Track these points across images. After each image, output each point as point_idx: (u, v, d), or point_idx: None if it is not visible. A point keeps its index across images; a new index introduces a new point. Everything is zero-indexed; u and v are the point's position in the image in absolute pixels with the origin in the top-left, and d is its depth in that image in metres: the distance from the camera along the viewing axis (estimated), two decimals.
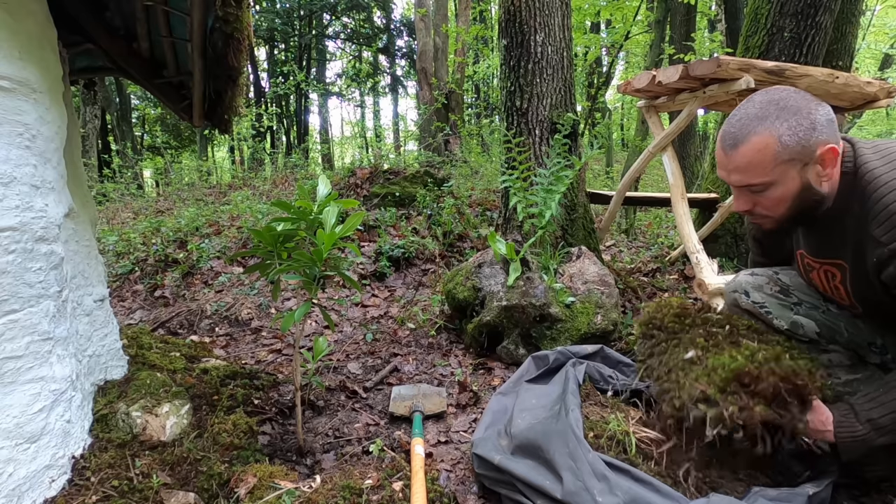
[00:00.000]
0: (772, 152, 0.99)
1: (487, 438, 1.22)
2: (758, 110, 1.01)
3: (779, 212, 1.06)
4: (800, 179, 1.01)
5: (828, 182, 1.02)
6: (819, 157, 0.99)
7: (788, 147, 0.98)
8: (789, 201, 1.04)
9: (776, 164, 0.99)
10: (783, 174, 1.00)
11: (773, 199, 1.04)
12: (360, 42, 17.18)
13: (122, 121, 12.80)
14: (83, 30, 1.60)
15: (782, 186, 1.02)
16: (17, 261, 1.00)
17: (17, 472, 0.96)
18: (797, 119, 0.98)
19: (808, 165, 1.00)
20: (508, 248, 2.01)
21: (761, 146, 0.99)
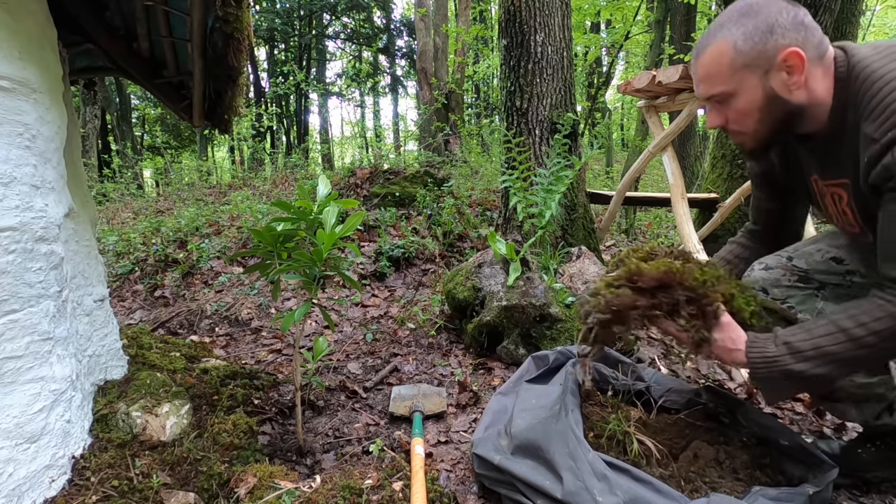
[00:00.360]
0: (727, 59, 0.95)
1: (487, 438, 1.22)
2: (721, 19, 0.97)
3: (749, 125, 1.01)
4: (762, 88, 0.95)
5: (801, 90, 0.94)
6: (781, 62, 0.92)
7: (743, 52, 0.93)
8: (756, 113, 0.98)
9: (733, 71, 0.95)
10: (742, 82, 0.95)
11: (739, 111, 0.99)
12: (360, 42, 17.19)
13: (122, 121, 12.81)
14: (83, 30, 1.60)
15: (745, 95, 0.97)
16: (17, 261, 1.00)
17: (17, 472, 0.96)
18: (754, 22, 0.92)
19: (771, 72, 0.93)
20: (508, 248, 2.01)
21: (717, 53, 0.96)
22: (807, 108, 0.96)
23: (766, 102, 0.96)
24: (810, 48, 0.92)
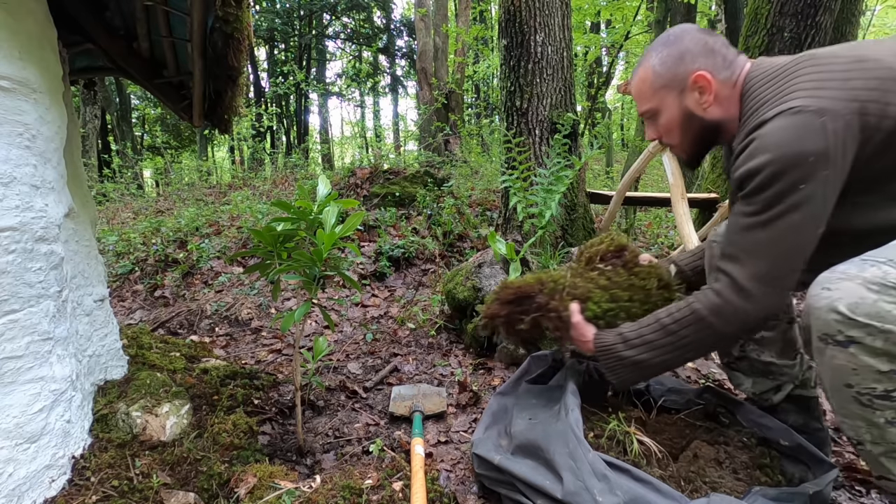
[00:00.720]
0: (649, 81, 1.10)
1: (487, 438, 1.22)
2: (649, 48, 1.13)
3: (675, 138, 1.14)
4: (679, 106, 1.08)
5: (716, 108, 1.05)
6: (692, 83, 1.04)
7: (661, 75, 1.08)
8: (678, 128, 1.11)
9: (654, 91, 1.10)
10: (662, 101, 1.09)
11: (664, 126, 1.13)
12: (360, 42, 17.18)
13: (122, 121, 12.80)
14: (83, 30, 1.60)
15: (666, 112, 1.10)
16: (17, 261, 1.00)
17: (17, 472, 0.96)
18: (669, 50, 1.07)
19: (685, 92, 1.06)
20: (508, 248, 2.01)
21: (642, 76, 1.12)
22: (723, 122, 1.07)
23: (683, 119, 1.09)
24: (719, 71, 1.04)
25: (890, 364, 0.76)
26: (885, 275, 0.76)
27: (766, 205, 0.90)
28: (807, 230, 0.89)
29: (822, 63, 0.91)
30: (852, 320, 0.77)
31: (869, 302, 0.76)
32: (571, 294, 1.22)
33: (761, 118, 0.92)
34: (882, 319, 0.75)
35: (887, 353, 0.76)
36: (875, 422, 0.80)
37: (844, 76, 0.87)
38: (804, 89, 0.89)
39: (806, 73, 0.91)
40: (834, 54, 0.92)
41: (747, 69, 1.05)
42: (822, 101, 0.86)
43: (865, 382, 0.79)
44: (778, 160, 0.87)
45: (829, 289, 0.81)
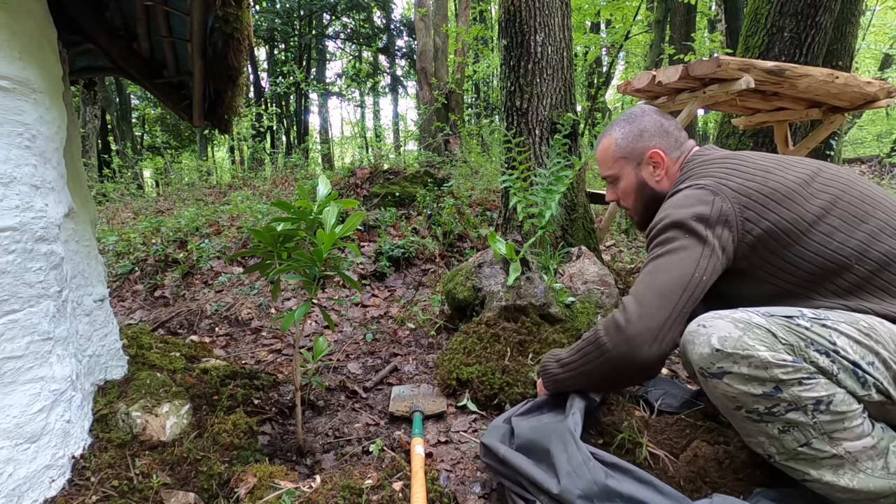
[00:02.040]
0: (611, 151, 1.29)
1: (498, 429, 1.21)
2: (615, 120, 1.32)
3: (630, 203, 1.31)
4: (635, 176, 1.27)
5: (665, 181, 1.24)
6: (648, 158, 1.24)
7: (621, 147, 1.27)
8: (633, 194, 1.29)
9: (615, 160, 1.29)
10: (621, 169, 1.29)
11: (622, 191, 1.31)
12: (360, 42, 17.18)
13: (122, 121, 12.81)
14: (83, 30, 1.60)
15: (624, 179, 1.29)
16: (17, 261, 1.00)
17: (17, 472, 0.96)
18: (630, 127, 1.27)
19: (641, 165, 1.26)
20: (508, 248, 2.01)
21: (605, 146, 1.31)
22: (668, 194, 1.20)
23: (638, 187, 1.28)
24: (670, 150, 1.24)
25: (761, 387, 0.88)
26: (749, 317, 0.92)
27: (657, 247, 1.08)
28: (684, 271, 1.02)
29: (737, 164, 1.10)
30: (721, 352, 0.90)
31: (735, 336, 0.89)
32: None
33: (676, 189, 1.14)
34: (745, 350, 0.88)
35: (755, 379, 0.88)
36: (772, 434, 0.90)
37: (748, 178, 1.05)
38: (713, 176, 1.09)
39: (721, 166, 1.10)
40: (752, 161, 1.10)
41: (692, 152, 1.24)
42: (721, 187, 1.05)
43: (748, 405, 0.90)
44: (670, 215, 1.07)
45: (705, 326, 0.94)
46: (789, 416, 0.88)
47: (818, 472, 0.89)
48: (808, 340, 0.89)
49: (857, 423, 0.88)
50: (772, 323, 0.90)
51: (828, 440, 0.88)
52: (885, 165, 8.48)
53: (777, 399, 0.88)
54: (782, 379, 0.87)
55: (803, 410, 0.87)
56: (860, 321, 0.93)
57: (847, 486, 0.88)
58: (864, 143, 13.21)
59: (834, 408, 0.87)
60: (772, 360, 0.87)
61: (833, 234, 0.99)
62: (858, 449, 0.87)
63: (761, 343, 0.88)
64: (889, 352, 0.90)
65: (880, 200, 1.03)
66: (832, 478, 0.88)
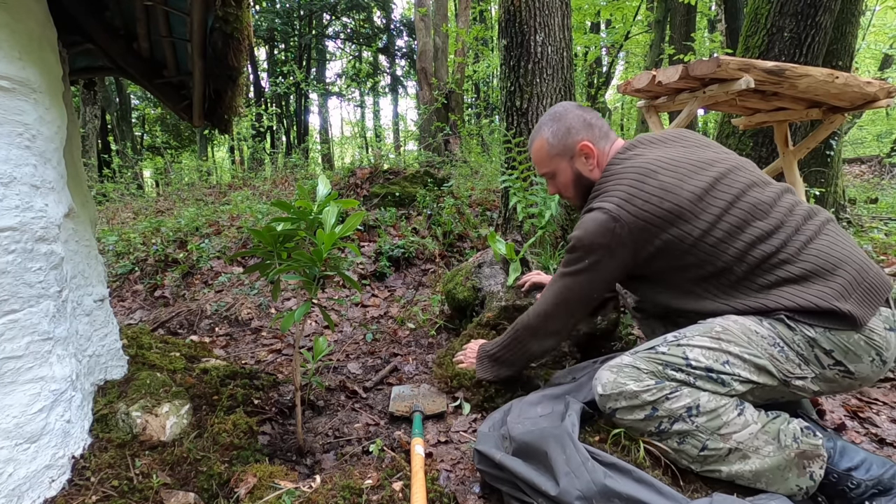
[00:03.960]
0: (544, 150, 1.39)
1: (490, 436, 1.22)
2: (541, 121, 1.41)
3: (570, 194, 1.42)
4: (571, 169, 1.38)
5: (597, 170, 1.35)
6: (578, 150, 1.35)
7: (553, 145, 1.37)
8: (571, 186, 1.40)
9: (550, 157, 1.39)
10: (557, 165, 1.39)
11: (562, 184, 1.42)
12: (360, 42, 17.18)
13: (122, 121, 12.81)
14: (83, 30, 1.60)
15: (562, 174, 1.40)
16: (17, 261, 1.00)
17: (17, 472, 0.96)
18: (557, 125, 1.37)
19: (574, 158, 1.36)
20: (508, 248, 2.01)
21: (538, 147, 1.41)
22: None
23: (575, 179, 1.39)
24: (598, 140, 1.35)
25: (642, 412, 1.07)
26: (620, 361, 1.13)
27: (566, 263, 1.29)
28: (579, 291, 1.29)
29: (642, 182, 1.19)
30: (606, 395, 1.12)
31: (611, 380, 1.11)
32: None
33: (590, 206, 1.25)
34: (619, 388, 1.09)
35: (634, 407, 1.08)
36: (676, 448, 1.05)
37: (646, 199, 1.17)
38: (618, 197, 1.19)
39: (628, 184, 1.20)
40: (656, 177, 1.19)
41: (618, 146, 1.35)
42: (622, 212, 1.17)
43: (643, 429, 1.09)
44: (579, 238, 1.23)
45: (597, 378, 1.16)
46: (675, 428, 1.04)
47: (728, 468, 1.03)
48: (664, 363, 1.08)
49: (734, 415, 1.03)
50: (636, 359, 1.11)
51: (718, 438, 1.02)
52: (885, 165, 8.47)
53: (658, 417, 1.05)
54: (651, 400, 1.06)
55: (681, 420, 1.03)
56: (714, 327, 1.11)
57: (752, 470, 1.01)
58: (864, 143, 13.21)
59: (704, 408, 1.02)
60: (637, 389, 1.07)
61: (718, 244, 1.14)
62: (747, 437, 1.02)
63: (629, 378, 1.09)
64: (742, 346, 1.07)
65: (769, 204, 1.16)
66: (739, 467, 1.02)
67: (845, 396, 1.69)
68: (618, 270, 1.24)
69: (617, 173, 1.26)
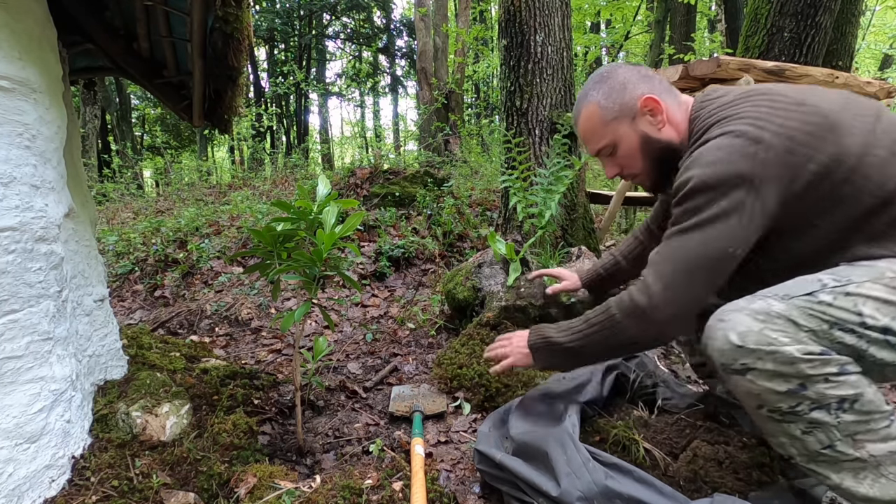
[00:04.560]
0: (596, 117, 1.12)
1: (490, 435, 1.21)
2: (584, 89, 1.16)
3: (637, 166, 1.15)
4: (635, 133, 1.10)
5: (668, 128, 1.09)
6: (641, 107, 1.09)
7: (608, 108, 1.10)
8: (638, 154, 1.12)
9: (605, 124, 1.11)
10: (616, 132, 1.11)
11: (625, 157, 1.14)
12: (360, 42, 17.18)
13: (122, 121, 12.80)
14: (83, 30, 1.60)
15: (625, 143, 1.12)
16: (17, 261, 1.00)
17: (17, 472, 0.96)
18: (609, 84, 1.11)
19: (637, 118, 1.10)
20: (508, 248, 2.01)
21: (587, 115, 1.13)
22: (677, 144, 1.09)
23: (642, 144, 1.11)
24: (661, 93, 1.09)
25: (786, 384, 0.82)
26: (769, 306, 0.84)
27: (684, 215, 0.95)
28: (716, 246, 0.92)
29: (770, 98, 0.96)
30: (743, 348, 0.84)
31: (756, 330, 0.83)
32: None
33: (706, 137, 0.97)
34: (770, 345, 0.82)
35: (780, 375, 0.82)
36: (794, 434, 0.85)
37: (785, 115, 0.91)
38: (748, 116, 0.93)
39: (754, 104, 0.96)
40: (782, 93, 0.96)
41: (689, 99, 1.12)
42: (761, 132, 0.90)
43: (771, 402, 0.85)
44: (704, 175, 0.92)
45: (724, 320, 0.87)
46: (813, 416, 0.82)
47: (839, 477, 0.84)
48: (832, 321, 0.82)
49: (884, 424, 0.82)
50: (791, 308, 0.83)
51: (851, 442, 0.82)
52: None
53: (801, 397, 0.82)
54: (809, 374, 0.81)
55: (827, 409, 0.81)
56: (885, 273, 0.84)
57: (866, 495, 0.82)
58: None
59: (860, 407, 0.81)
60: (798, 355, 0.81)
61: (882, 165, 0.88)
62: (883, 453, 0.81)
63: (784, 335, 0.82)
64: None
65: None
66: (851, 483, 0.83)
67: None
68: (764, 217, 0.91)
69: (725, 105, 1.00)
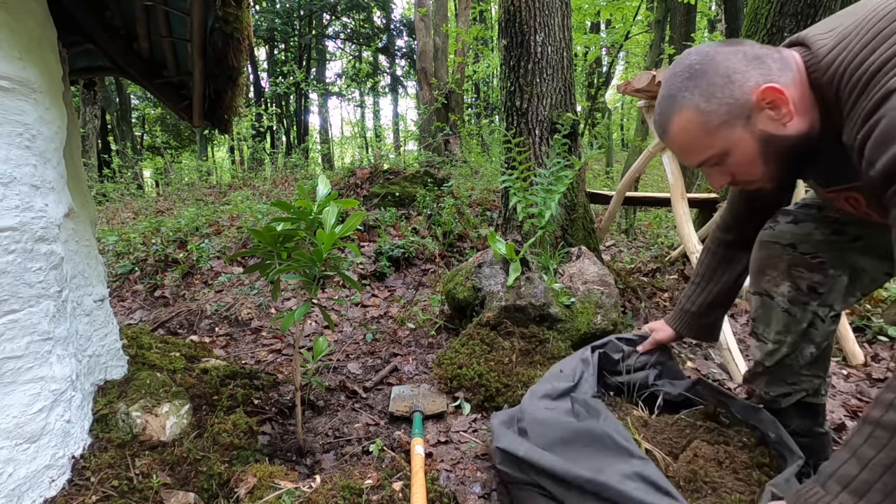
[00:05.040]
0: (699, 125, 0.87)
1: (508, 428, 1.17)
2: (668, 89, 0.91)
3: (757, 172, 0.91)
4: (752, 135, 0.86)
5: (797, 118, 0.84)
6: (758, 102, 0.83)
7: (713, 112, 0.85)
8: (758, 159, 0.89)
9: (710, 134, 0.87)
10: (727, 139, 0.87)
11: (739, 165, 0.90)
12: (360, 42, 17.19)
13: (122, 121, 12.81)
14: (83, 30, 1.60)
15: (738, 150, 0.88)
16: (17, 261, 1.00)
17: (17, 472, 0.96)
18: (707, 80, 0.85)
19: (753, 117, 0.85)
20: (508, 248, 2.01)
21: (684, 125, 0.89)
22: (809, 131, 0.86)
23: (763, 147, 0.87)
24: (779, 76, 0.84)
25: None
26: None
27: None
28: None
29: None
30: None
31: None
32: None
33: (886, 88, 0.70)
34: None
35: None
36: None
37: None
38: None
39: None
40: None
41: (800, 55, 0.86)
42: None
43: None
44: None
45: None
46: None
47: None
48: None
49: None
50: None
51: None
52: None
53: None
54: None
55: None
56: None
57: None
58: None
59: None
60: None
61: None
62: None
63: None
64: None
65: None
66: None
67: (845, 396, 1.69)
68: None
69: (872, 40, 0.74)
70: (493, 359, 1.72)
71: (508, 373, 1.65)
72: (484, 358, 1.72)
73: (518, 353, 1.75)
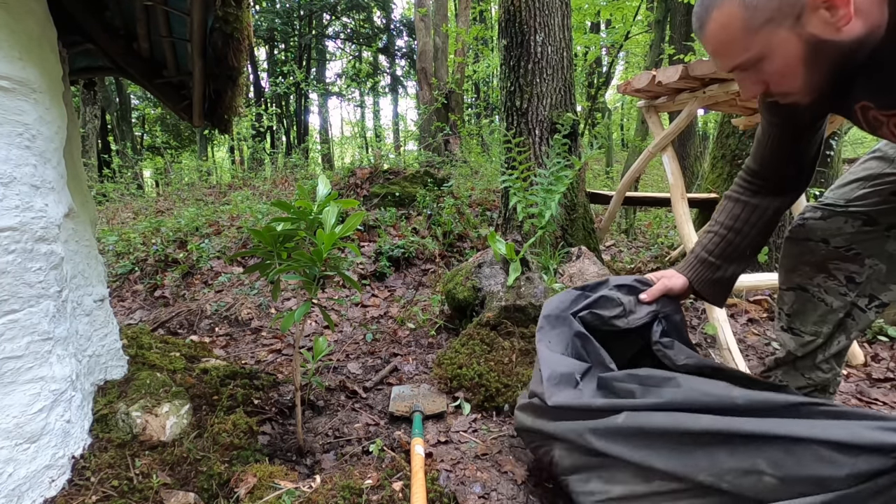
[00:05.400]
0: (739, 22, 0.78)
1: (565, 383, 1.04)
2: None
3: (797, 83, 0.81)
4: (799, 39, 0.76)
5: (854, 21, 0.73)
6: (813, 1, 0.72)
7: (758, 8, 0.75)
8: (801, 68, 0.78)
9: (751, 33, 0.77)
10: (769, 42, 0.77)
11: (776, 74, 0.81)
12: (360, 42, 17.20)
13: (122, 121, 12.81)
14: (83, 30, 1.60)
15: (778, 54, 0.78)
16: (17, 261, 1.00)
17: (17, 472, 0.96)
18: None
19: (804, 17, 0.74)
20: (508, 248, 2.01)
21: (724, 20, 0.79)
22: (866, 37, 0.75)
23: (809, 53, 0.76)
24: None
25: None
26: None
27: None
28: None
29: None
30: None
31: None
32: None
33: None
34: None
35: None
36: None
37: None
38: None
39: None
40: None
41: None
42: None
43: None
44: None
45: None
46: None
47: None
48: None
49: None
50: None
51: None
52: None
53: None
54: None
55: None
56: None
57: None
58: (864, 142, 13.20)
59: None
60: None
61: None
62: None
63: None
64: None
65: None
66: None
67: (845, 396, 1.69)
68: None
69: None
70: (493, 359, 1.72)
71: (508, 373, 1.65)
72: (484, 358, 1.72)
73: (518, 353, 1.75)
